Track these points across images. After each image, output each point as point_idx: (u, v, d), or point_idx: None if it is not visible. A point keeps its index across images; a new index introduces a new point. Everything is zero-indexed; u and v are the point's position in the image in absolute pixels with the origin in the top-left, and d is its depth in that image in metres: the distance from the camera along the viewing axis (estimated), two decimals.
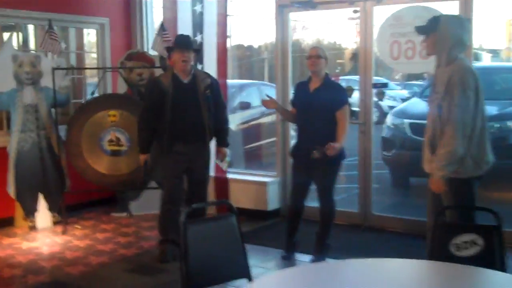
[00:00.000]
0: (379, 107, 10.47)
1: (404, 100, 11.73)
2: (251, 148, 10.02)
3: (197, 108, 5.07)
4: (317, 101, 4.97)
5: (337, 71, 6.69)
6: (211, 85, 5.20)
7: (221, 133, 5.34)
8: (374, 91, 6.05)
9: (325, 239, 5.14)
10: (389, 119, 7.97)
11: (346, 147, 5.06)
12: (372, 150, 6.10)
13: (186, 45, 5.09)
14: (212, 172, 6.63)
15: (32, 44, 6.99)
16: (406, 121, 7.72)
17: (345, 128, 4.91)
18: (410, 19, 5.66)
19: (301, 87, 5.16)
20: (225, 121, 5.40)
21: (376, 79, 6.29)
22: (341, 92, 5.06)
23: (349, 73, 11.28)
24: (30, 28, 7.04)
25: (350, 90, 5.96)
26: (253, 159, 9.59)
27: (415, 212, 5.95)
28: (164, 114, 5.02)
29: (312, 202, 5.37)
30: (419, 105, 8.21)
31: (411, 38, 5.67)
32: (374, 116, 6.47)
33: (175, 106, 5.01)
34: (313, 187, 5.15)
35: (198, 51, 5.39)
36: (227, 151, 5.49)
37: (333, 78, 5.30)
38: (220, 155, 5.46)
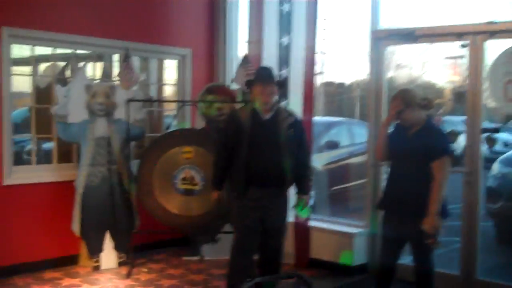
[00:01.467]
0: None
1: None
2: (337, 191, 9.37)
3: (276, 148, 4.50)
4: (412, 149, 4.27)
5: (439, 111, 5.89)
6: (295, 124, 4.63)
7: (302, 179, 4.74)
8: (483, 136, 5.25)
9: None
10: (496, 167, 7.08)
11: (448, 194, 4.32)
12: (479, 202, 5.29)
13: (268, 78, 4.56)
14: (291, 219, 6.04)
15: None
16: None
17: (441, 185, 4.14)
18: None
19: (399, 129, 4.44)
20: (307, 166, 4.80)
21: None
22: (440, 139, 4.30)
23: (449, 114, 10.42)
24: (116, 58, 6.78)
25: (454, 135, 5.20)
26: (339, 203, 8.91)
27: None
28: (239, 152, 4.49)
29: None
30: None
31: None
32: None
33: (252, 145, 4.47)
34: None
35: (282, 85, 4.84)
36: (308, 198, 4.86)
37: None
38: (300, 203, 4.84)
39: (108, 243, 5.92)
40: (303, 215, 4.84)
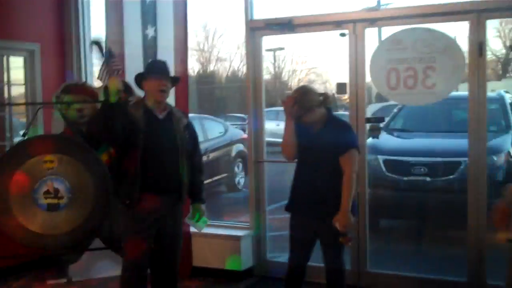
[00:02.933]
0: None
1: None
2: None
3: (174, 151, 4.04)
4: (318, 145, 4.01)
5: None
6: (189, 126, 4.20)
7: (197, 185, 4.30)
8: (367, 126, 5.17)
9: None
10: None
11: None
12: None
13: (163, 71, 4.07)
14: None
15: None
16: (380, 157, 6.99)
17: (351, 179, 3.93)
18: (410, 42, 4.87)
19: (303, 126, 4.14)
20: (202, 172, 4.36)
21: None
22: (346, 133, 4.09)
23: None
24: None
25: (376, 130, 5.06)
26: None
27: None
28: (132, 155, 3.92)
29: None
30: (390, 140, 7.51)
31: (412, 65, 4.87)
32: None
33: (147, 147, 3.93)
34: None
35: (177, 80, 4.33)
36: (204, 208, 4.42)
37: None
38: (195, 214, 4.39)
39: None
40: (199, 227, 4.40)
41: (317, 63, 22.51)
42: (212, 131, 10.23)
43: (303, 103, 3.98)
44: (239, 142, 10.74)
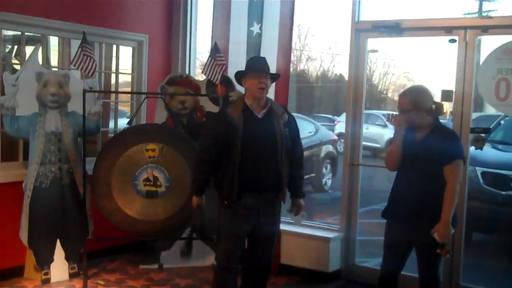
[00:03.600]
0: None
1: None
2: None
3: (273, 150, 4.03)
4: (422, 154, 3.91)
5: None
6: (289, 123, 4.18)
7: (298, 181, 4.30)
8: (471, 137, 5.01)
9: None
10: None
11: None
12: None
13: (263, 68, 4.07)
14: None
15: (54, 61, 5.96)
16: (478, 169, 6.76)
17: (454, 190, 3.80)
18: None
19: (407, 132, 4.07)
20: (302, 167, 4.36)
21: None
22: (452, 142, 3.94)
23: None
24: (53, 41, 6.02)
25: (480, 140, 4.92)
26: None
27: None
28: (231, 156, 3.98)
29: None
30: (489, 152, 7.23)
31: None
32: None
33: (246, 147, 3.96)
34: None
35: (277, 77, 4.35)
36: (303, 203, 4.42)
37: None
38: (296, 208, 4.39)
39: (58, 253, 5.24)
40: (298, 221, 4.41)
41: (411, 68, 21.98)
42: (302, 130, 10.15)
43: (413, 99, 3.90)
44: (329, 143, 10.68)
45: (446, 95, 5.06)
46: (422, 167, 3.89)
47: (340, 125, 15.53)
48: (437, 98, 4.04)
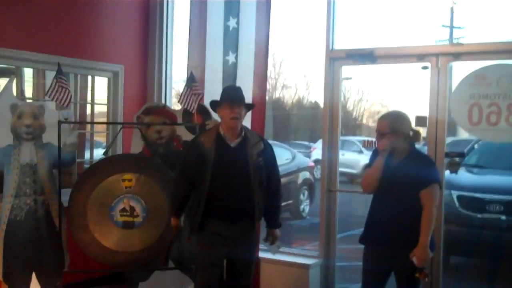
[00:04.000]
0: None
1: None
2: None
3: (245, 179, 4.04)
4: (399, 178, 3.95)
5: None
6: (265, 151, 4.20)
7: (273, 211, 4.31)
8: (446, 161, 5.08)
9: None
10: None
11: None
12: None
13: (237, 98, 4.10)
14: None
15: (28, 92, 5.93)
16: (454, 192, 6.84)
17: (431, 214, 3.86)
18: (495, 78, 4.78)
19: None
20: (279, 197, 4.37)
21: None
22: (428, 167, 4.01)
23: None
24: (28, 73, 5.99)
25: (454, 165, 4.98)
26: None
27: None
28: (200, 183, 4.01)
29: None
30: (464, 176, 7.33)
31: (495, 101, 4.77)
32: None
33: (216, 176, 3.99)
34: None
35: (251, 107, 4.40)
36: (279, 233, 4.42)
37: None
38: (271, 238, 4.39)
39: (34, 286, 5.12)
40: (274, 250, 4.43)
41: (385, 94, 22.23)
42: (279, 157, 10.17)
43: (392, 123, 3.96)
44: (306, 169, 10.72)
45: (420, 121, 5.13)
46: (399, 191, 3.93)
47: (316, 151, 15.61)
48: (412, 124, 4.08)
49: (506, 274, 6.41)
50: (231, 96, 4.12)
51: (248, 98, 5.64)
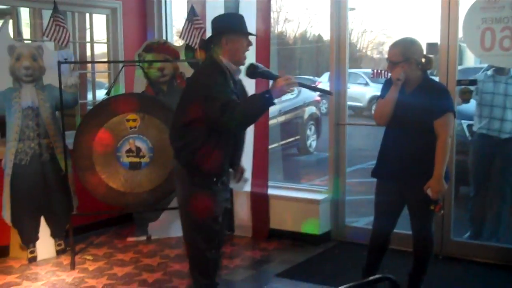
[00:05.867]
0: None
1: None
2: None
3: None
4: (412, 109, 3.80)
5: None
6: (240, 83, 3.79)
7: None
8: (458, 89, 4.93)
9: (421, 281, 4.03)
10: None
11: None
12: None
13: (247, 29, 3.68)
14: (248, 188, 5.56)
15: (26, 33, 5.75)
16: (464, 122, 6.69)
17: (446, 144, 3.71)
18: (508, 1, 4.57)
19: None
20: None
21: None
22: (442, 96, 3.83)
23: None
24: (24, 13, 5.81)
25: (466, 93, 4.84)
26: (277, 165, 8.49)
27: None
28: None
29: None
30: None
31: (509, 25, 4.58)
32: None
33: None
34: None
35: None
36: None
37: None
38: (239, 175, 3.99)
39: (43, 230, 5.13)
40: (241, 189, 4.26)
41: (388, 25, 21.76)
42: None
43: (404, 50, 3.78)
44: (312, 104, 10.58)
45: (431, 48, 4.95)
46: (412, 123, 3.80)
47: (322, 85, 15.43)
48: (423, 50, 3.91)
49: None
50: (243, 26, 3.67)
51: (252, 32, 5.47)
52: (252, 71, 3.55)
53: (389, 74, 3.96)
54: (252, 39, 3.84)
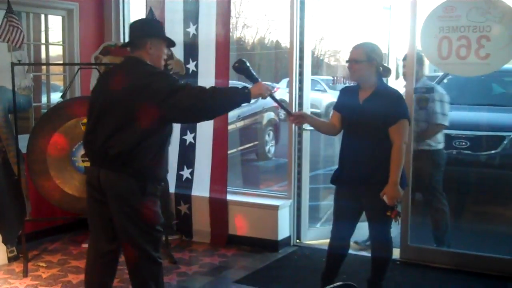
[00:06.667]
0: None
1: None
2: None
3: None
4: (366, 116, 3.83)
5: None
6: None
7: None
8: (415, 97, 4.98)
9: (380, 287, 4.04)
10: None
11: None
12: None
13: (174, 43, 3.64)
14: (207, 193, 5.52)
15: None
16: None
17: (401, 151, 3.75)
18: (464, 11, 4.66)
19: (349, 94, 4.00)
20: None
21: None
22: (396, 102, 3.86)
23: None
24: None
25: (423, 100, 4.89)
26: (234, 170, 8.44)
27: None
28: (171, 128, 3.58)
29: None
30: None
31: (465, 34, 4.66)
32: None
33: None
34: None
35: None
36: None
37: None
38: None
39: None
40: None
41: (347, 33, 22.01)
42: None
43: (368, 51, 3.84)
44: (271, 109, 10.57)
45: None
46: (366, 129, 3.82)
47: (280, 91, 15.45)
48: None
49: (471, 209, 6.49)
50: (165, 34, 3.62)
51: (211, 37, 5.45)
52: (240, 66, 3.57)
53: (347, 81, 4.01)
54: (211, 44, 3.83)
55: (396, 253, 5.00)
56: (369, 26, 5.52)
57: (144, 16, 5.37)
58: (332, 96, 15.07)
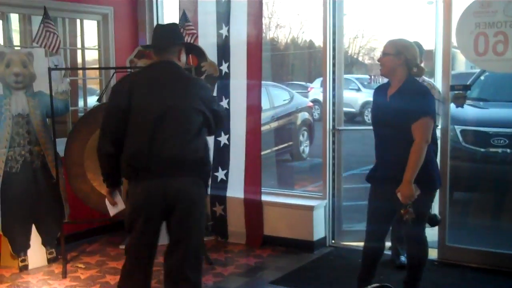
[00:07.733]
0: None
1: None
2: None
3: None
4: (392, 114, 3.77)
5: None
6: None
7: None
8: (451, 95, 4.91)
9: None
10: None
11: None
12: None
13: (162, 46, 3.59)
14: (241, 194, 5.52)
15: (16, 40, 5.69)
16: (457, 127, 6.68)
17: (419, 149, 3.64)
18: (501, 6, 4.57)
19: (380, 93, 3.96)
20: None
21: None
22: (420, 98, 3.75)
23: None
24: (13, 19, 5.74)
25: (459, 98, 4.82)
26: (270, 171, 8.44)
27: None
28: None
29: None
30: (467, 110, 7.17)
31: (502, 30, 4.57)
32: None
33: None
34: None
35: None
36: None
37: None
38: None
39: (35, 238, 5.06)
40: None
41: (381, 31, 21.77)
42: (277, 98, 10.03)
43: (398, 47, 3.79)
44: (305, 109, 10.55)
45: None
46: (392, 127, 3.76)
47: (314, 91, 15.41)
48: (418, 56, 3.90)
49: (509, 208, 6.35)
50: (158, 42, 3.62)
51: (243, 38, 5.46)
52: None
53: (381, 79, 3.96)
54: (243, 45, 3.88)
55: (434, 254, 4.96)
56: (412, 22, 5.45)
57: (178, 19, 5.40)
58: (366, 95, 15.02)
